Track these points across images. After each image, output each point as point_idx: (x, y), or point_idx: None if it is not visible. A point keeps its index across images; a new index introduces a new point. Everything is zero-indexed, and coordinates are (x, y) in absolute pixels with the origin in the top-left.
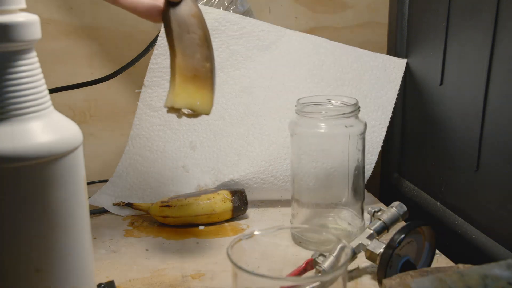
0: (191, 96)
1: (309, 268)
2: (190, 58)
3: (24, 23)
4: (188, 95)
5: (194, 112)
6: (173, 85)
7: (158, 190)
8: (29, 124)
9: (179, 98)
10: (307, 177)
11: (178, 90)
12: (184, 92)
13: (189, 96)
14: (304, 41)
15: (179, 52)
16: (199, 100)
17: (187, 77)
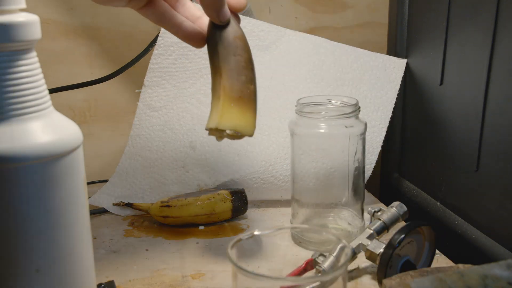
0: (236, 117)
1: (309, 268)
2: (236, 80)
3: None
4: (233, 117)
5: (237, 133)
6: (217, 106)
7: (158, 190)
8: (29, 124)
9: (224, 120)
10: (307, 177)
11: (223, 111)
12: (229, 113)
13: (234, 118)
14: (304, 41)
15: (225, 74)
16: (243, 122)
17: (232, 98)
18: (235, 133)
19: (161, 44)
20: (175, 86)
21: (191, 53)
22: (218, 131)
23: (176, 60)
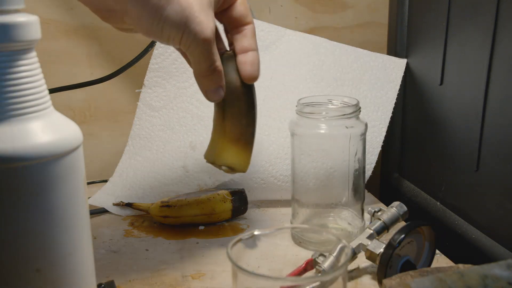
0: (232, 157)
1: (309, 268)
2: (237, 124)
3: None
4: (229, 156)
5: (232, 170)
6: (217, 143)
7: (158, 190)
8: (29, 124)
9: (221, 158)
10: (307, 177)
11: (221, 150)
12: (226, 153)
13: (230, 157)
14: (304, 41)
15: (228, 117)
16: (238, 161)
17: (232, 140)
18: (229, 170)
19: (161, 44)
20: (175, 86)
21: None
22: (209, 163)
23: (176, 60)
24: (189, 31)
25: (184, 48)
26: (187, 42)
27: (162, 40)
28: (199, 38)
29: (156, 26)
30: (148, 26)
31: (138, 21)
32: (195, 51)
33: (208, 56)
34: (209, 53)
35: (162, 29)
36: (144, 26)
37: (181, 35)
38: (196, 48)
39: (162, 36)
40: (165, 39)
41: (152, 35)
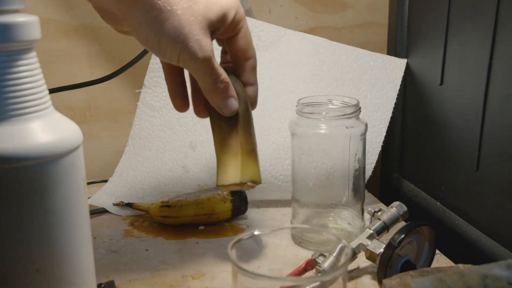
0: (253, 169)
1: (309, 268)
2: (249, 135)
3: (24, 23)
4: (250, 170)
5: (254, 184)
6: (234, 161)
7: (158, 190)
8: (29, 124)
9: (246, 174)
10: (307, 177)
11: (243, 166)
12: (247, 167)
13: (252, 170)
14: (304, 41)
15: (241, 131)
16: (257, 172)
17: (248, 152)
18: (252, 184)
19: None
20: None
21: None
22: (232, 186)
23: None
24: (187, 49)
25: (183, 66)
26: (185, 60)
27: (160, 55)
28: (198, 57)
29: (153, 39)
30: (146, 37)
31: (137, 30)
32: (195, 70)
33: (210, 72)
34: (211, 69)
35: (159, 42)
36: (142, 36)
37: (178, 52)
38: (195, 66)
39: (159, 50)
40: (162, 54)
41: (149, 47)
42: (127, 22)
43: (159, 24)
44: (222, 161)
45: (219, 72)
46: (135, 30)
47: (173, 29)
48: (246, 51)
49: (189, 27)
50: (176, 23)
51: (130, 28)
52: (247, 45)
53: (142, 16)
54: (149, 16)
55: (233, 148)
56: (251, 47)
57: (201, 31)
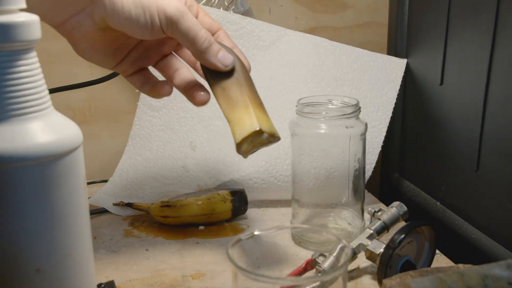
0: (267, 121)
1: (309, 268)
2: (254, 90)
3: (24, 23)
4: (266, 120)
5: (272, 135)
6: (247, 113)
7: (158, 190)
8: (29, 124)
9: (263, 123)
10: (307, 177)
11: (258, 116)
12: (262, 117)
13: (267, 122)
14: (304, 41)
15: (245, 84)
16: (272, 125)
17: (258, 105)
18: (272, 135)
19: None
20: None
21: None
22: (252, 139)
23: None
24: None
25: (167, 29)
26: (166, 18)
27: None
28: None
29: (135, 9)
30: (129, 12)
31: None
32: (177, 28)
33: (191, 25)
34: (190, 21)
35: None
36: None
37: (156, 10)
38: (176, 21)
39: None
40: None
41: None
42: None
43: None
44: (233, 119)
45: (199, 27)
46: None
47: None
48: (212, 24)
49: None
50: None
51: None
52: (211, 22)
53: None
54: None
55: (242, 101)
56: (214, 21)
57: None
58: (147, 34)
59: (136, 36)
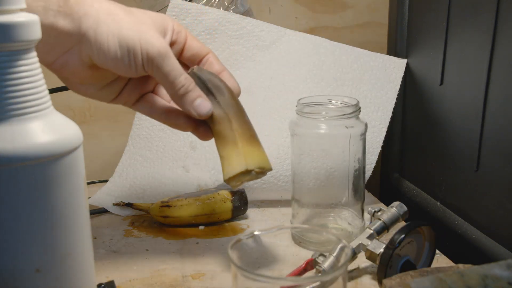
0: (258, 155)
1: (309, 268)
2: (244, 122)
3: (24, 23)
4: (255, 156)
5: (262, 170)
6: (235, 151)
7: (158, 190)
8: (29, 124)
9: (250, 160)
10: (307, 177)
11: (245, 153)
12: (250, 152)
13: (257, 156)
14: (304, 41)
15: (234, 119)
16: (264, 158)
17: (248, 140)
18: (261, 170)
19: None
20: None
21: None
22: (241, 177)
23: None
24: (146, 40)
25: (147, 66)
26: (147, 56)
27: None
28: (155, 46)
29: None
30: (114, 49)
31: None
32: (158, 68)
33: (171, 69)
34: (171, 65)
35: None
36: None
37: (139, 48)
38: (157, 61)
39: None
40: (128, 58)
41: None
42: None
43: (118, 27)
44: (223, 155)
45: (179, 72)
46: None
47: (129, 29)
48: (201, 48)
49: (140, 27)
50: (129, 23)
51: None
52: (199, 46)
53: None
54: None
55: (230, 138)
56: (203, 45)
57: (150, 28)
58: (131, 72)
59: (120, 74)
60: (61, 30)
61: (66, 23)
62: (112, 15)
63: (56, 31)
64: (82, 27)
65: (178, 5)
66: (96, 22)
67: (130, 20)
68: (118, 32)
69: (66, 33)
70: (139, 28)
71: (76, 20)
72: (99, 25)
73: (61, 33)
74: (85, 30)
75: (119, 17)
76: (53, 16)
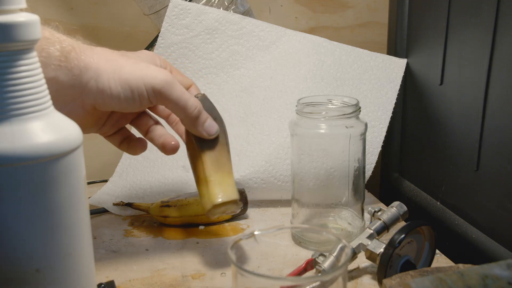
0: (234, 189)
1: (309, 268)
2: (228, 156)
3: (24, 23)
4: (233, 190)
5: (237, 203)
6: (227, 180)
7: (158, 190)
8: (29, 124)
9: (227, 194)
10: (307, 177)
11: (226, 187)
12: (231, 187)
13: (234, 190)
14: (304, 41)
15: (220, 152)
16: (236, 192)
17: (229, 173)
18: (237, 204)
19: (161, 44)
20: None
21: (191, 53)
22: (226, 206)
23: (176, 60)
24: (148, 76)
25: (155, 97)
26: (153, 88)
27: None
28: (161, 78)
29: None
30: (116, 90)
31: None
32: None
33: (181, 94)
34: (179, 90)
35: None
36: (113, 91)
37: (143, 84)
38: (164, 92)
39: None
40: (133, 95)
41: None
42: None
43: (118, 71)
44: (214, 180)
45: (188, 95)
46: (107, 91)
47: (129, 71)
48: (184, 81)
49: (139, 65)
50: (128, 66)
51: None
52: (183, 78)
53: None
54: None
55: (226, 167)
56: (185, 78)
57: (149, 64)
58: (136, 107)
59: (124, 111)
60: (62, 83)
61: (68, 77)
62: (110, 61)
63: (57, 85)
64: (83, 79)
65: (178, 5)
66: (97, 72)
67: (128, 62)
68: (118, 76)
69: (68, 87)
70: (139, 67)
71: (76, 74)
72: (100, 75)
73: (62, 86)
74: (86, 81)
75: (118, 62)
76: (54, 70)
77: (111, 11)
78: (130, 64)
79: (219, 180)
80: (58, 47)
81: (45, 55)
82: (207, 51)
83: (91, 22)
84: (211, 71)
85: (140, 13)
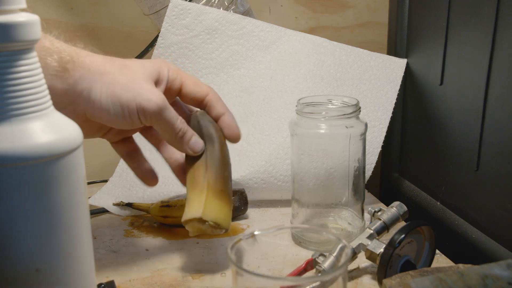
0: (218, 210)
1: (309, 268)
2: (221, 175)
3: (24, 23)
4: (216, 210)
5: (217, 226)
6: (199, 198)
7: (158, 190)
8: (29, 124)
9: (208, 211)
10: (307, 177)
11: (206, 203)
12: (212, 206)
13: (216, 211)
14: (304, 41)
15: (210, 168)
16: (223, 215)
17: (216, 192)
18: (216, 225)
19: (161, 44)
20: None
21: (191, 53)
22: (196, 224)
23: (176, 60)
24: (141, 96)
25: (144, 117)
26: (143, 109)
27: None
28: (153, 101)
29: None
30: (107, 106)
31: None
32: (154, 117)
33: (169, 118)
34: (168, 115)
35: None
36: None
37: (134, 103)
38: (154, 112)
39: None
40: (123, 113)
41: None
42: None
43: (112, 86)
44: (188, 197)
45: (175, 118)
46: (97, 103)
47: (122, 89)
48: (198, 92)
49: (133, 85)
50: (123, 82)
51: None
52: (197, 90)
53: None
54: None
55: (199, 184)
56: (201, 86)
57: (145, 82)
58: (127, 126)
59: (115, 126)
60: (56, 91)
61: (62, 86)
62: (106, 75)
63: (52, 92)
64: (77, 88)
65: (178, 5)
66: (90, 84)
67: (123, 78)
68: (111, 91)
69: (62, 94)
70: (133, 87)
71: (71, 83)
72: (93, 87)
73: (56, 94)
74: (80, 91)
75: (113, 77)
76: (50, 79)
77: (111, 11)
78: (125, 81)
79: (191, 197)
80: (56, 57)
81: (43, 65)
82: (207, 51)
83: (91, 22)
84: (211, 71)
85: (140, 13)
